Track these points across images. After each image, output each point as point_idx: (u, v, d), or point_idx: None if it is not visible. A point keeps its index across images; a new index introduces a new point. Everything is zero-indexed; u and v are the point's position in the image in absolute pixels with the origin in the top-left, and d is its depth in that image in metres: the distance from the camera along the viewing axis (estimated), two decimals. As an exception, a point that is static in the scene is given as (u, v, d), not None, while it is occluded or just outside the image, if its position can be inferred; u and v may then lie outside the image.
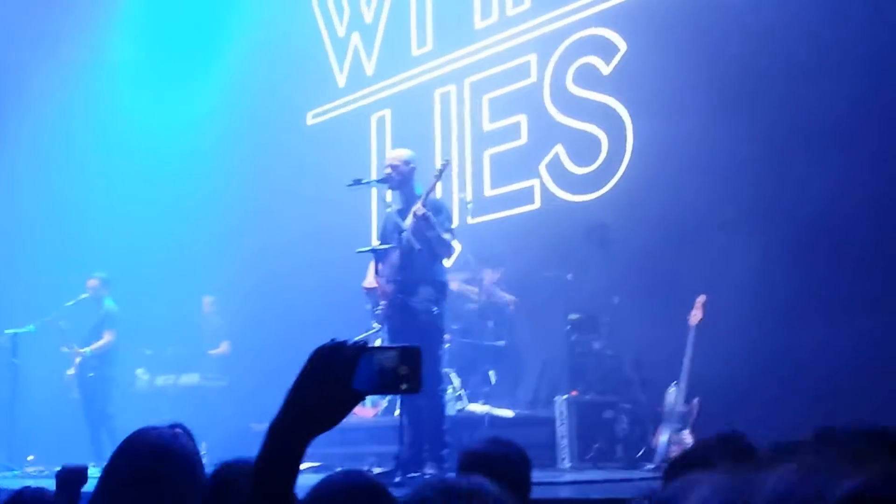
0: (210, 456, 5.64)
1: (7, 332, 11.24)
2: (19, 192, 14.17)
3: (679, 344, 8.00)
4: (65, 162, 14.21)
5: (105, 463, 2.59)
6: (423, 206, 7.75)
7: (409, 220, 7.82)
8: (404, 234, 7.79)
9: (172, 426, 2.67)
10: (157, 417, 10.10)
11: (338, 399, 1.79)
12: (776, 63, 8.69)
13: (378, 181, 8.30)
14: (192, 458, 2.57)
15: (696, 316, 7.99)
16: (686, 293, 8.28)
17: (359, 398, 1.83)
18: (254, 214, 13.72)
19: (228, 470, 2.63)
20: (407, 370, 1.80)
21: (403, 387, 1.81)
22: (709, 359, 7.96)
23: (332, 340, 1.83)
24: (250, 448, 1.84)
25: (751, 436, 2.56)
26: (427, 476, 7.33)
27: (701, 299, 8.10)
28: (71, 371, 11.67)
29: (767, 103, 8.77)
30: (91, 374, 11.45)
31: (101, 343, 11.60)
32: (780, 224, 8.39)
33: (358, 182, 8.17)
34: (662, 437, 7.86)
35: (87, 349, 11.53)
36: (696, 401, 7.86)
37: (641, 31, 10.16)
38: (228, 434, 10.37)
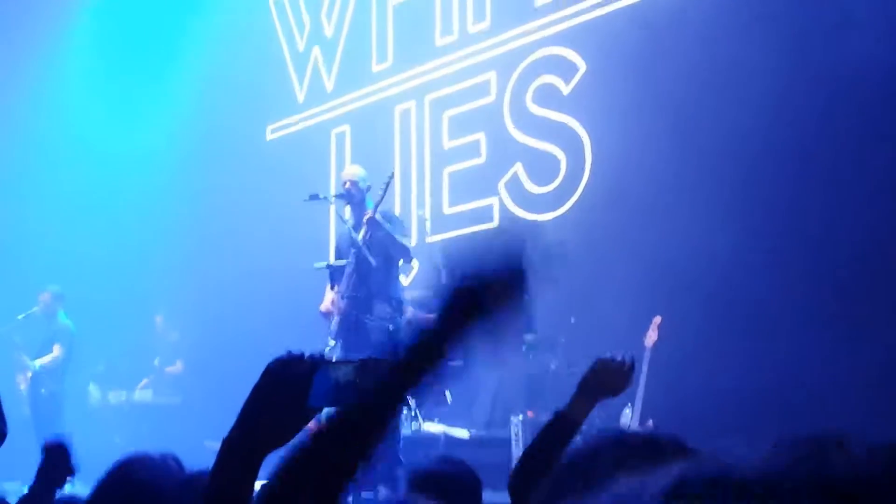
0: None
1: None
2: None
3: (635, 365, 7.97)
4: (17, 174, 14.02)
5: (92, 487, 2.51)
6: (373, 215, 7.73)
7: (361, 234, 7.77)
8: (359, 249, 7.74)
9: (165, 457, 2.64)
10: (109, 435, 9.99)
11: (292, 415, 1.74)
12: (737, 82, 8.71)
13: (336, 196, 8.26)
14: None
15: (651, 337, 8.00)
16: (642, 314, 8.28)
17: (314, 414, 1.79)
18: (210, 228, 13.60)
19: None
20: (365, 384, 1.74)
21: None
22: (663, 380, 7.96)
23: (287, 353, 1.79)
24: (204, 465, 1.78)
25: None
26: (380, 495, 7.27)
27: (656, 320, 8.11)
28: (23, 386, 11.47)
29: (728, 122, 8.78)
30: (43, 391, 11.27)
31: (50, 357, 11.42)
32: (738, 244, 8.40)
33: (315, 197, 8.14)
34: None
35: (37, 363, 11.35)
36: (650, 422, 7.85)
37: (601, 50, 10.17)
38: (182, 451, 10.23)
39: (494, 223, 10.98)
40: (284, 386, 1.74)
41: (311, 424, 1.72)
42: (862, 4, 7.93)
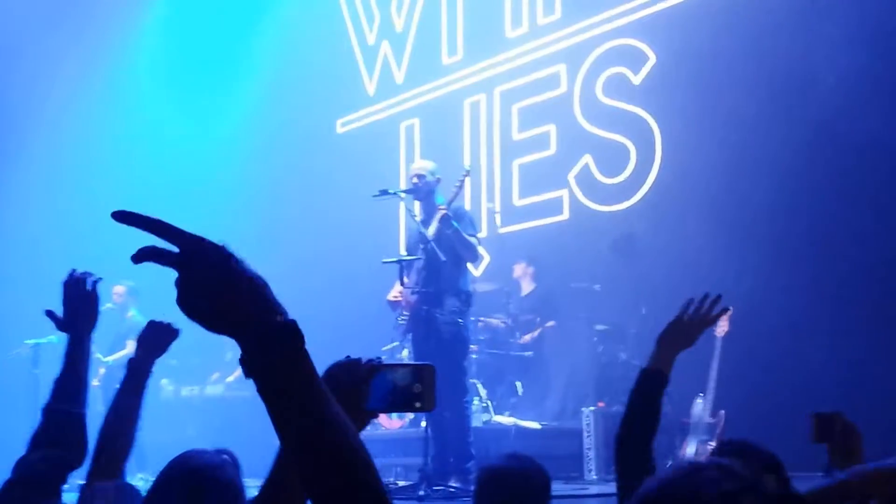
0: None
1: (28, 342, 11.11)
2: (43, 201, 14.19)
3: (706, 355, 7.90)
4: (90, 171, 14.19)
5: (149, 483, 2.53)
6: (446, 212, 7.71)
7: (432, 230, 7.76)
8: (429, 244, 7.73)
9: (219, 452, 2.64)
10: (182, 429, 10.12)
11: (350, 418, 1.74)
12: (807, 72, 8.59)
13: (405, 192, 8.25)
14: (236, 490, 2.51)
15: (722, 327, 7.88)
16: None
17: (372, 417, 1.83)
18: (281, 222, 13.70)
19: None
20: (421, 388, 1.76)
21: (417, 405, 1.78)
22: (736, 370, 7.87)
23: (347, 358, 1.82)
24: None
25: (777, 446, 2.57)
26: (452, 489, 7.28)
27: (728, 311, 8.00)
28: (95, 382, 11.58)
29: (798, 112, 8.69)
30: (117, 386, 11.36)
31: (123, 353, 11.53)
32: (813, 235, 8.31)
33: (384, 193, 8.13)
34: (689, 449, 7.77)
35: (110, 358, 11.46)
36: (721, 413, 7.76)
37: (670, 41, 10.09)
38: (253, 446, 10.34)
39: (564, 215, 10.95)
40: (343, 389, 1.74)
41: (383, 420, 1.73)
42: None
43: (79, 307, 3.15)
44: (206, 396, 12.61)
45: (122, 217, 1.38)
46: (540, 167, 11.35)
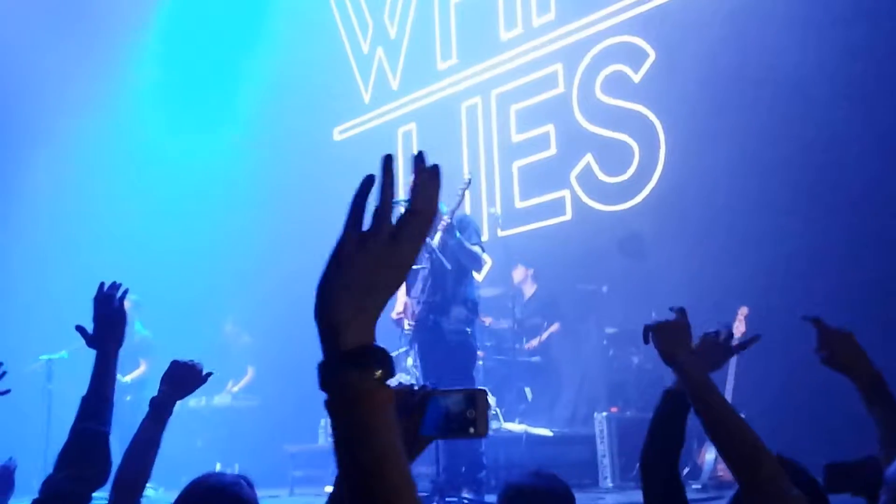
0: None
1: (42, 357, 11.17)
2: (49, 218, 14.09)
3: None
4: (94, 189, 14.11)
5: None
6: (450, 221, 7.60)
7: (436, 240, 7.64)
8: (434, 254, 7.62)
9: (238, 476, 2.66)
10: (191, 439, 9.97)
11: (406, 445, 1.66)
12: (810, 67, 8.47)
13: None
14: None
15: (738, 328, 7.71)
16: (727, 305, 8.03)
17: (426, 443, 1.81)
18: (284, 232, 13.58)
19: None
20: (474, 413, 1.73)
21: (471, 430, 1.74)
22: (755, 373, 7.71)
23: (399, 384, 1.75)
24: (283, 468, 1.73)
25: (797, 449, 2.46)
26: (465, 500, 7.15)
27: (743, 311, 7.79)
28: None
29: (801, 107, 8.56)
30: (128, 398, 11.39)
31: (139, 372, 11.61)
32: (821, 230, 8.17)
33: (389, 202, 8.01)
34: (709, 456, 7.60)
35: (127, 378, 11.47)
36: (741, 416, 7.57)
37: (670, 37, 9.97)
38: (261, 454, 10.24)
39: (567, 216, 10.81)
40: (399, 416, 1.71)
41: None
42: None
43: (107, 323, 3.13)
44: (213, 407, 12.53)
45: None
46: (540, 168, 11.23)
